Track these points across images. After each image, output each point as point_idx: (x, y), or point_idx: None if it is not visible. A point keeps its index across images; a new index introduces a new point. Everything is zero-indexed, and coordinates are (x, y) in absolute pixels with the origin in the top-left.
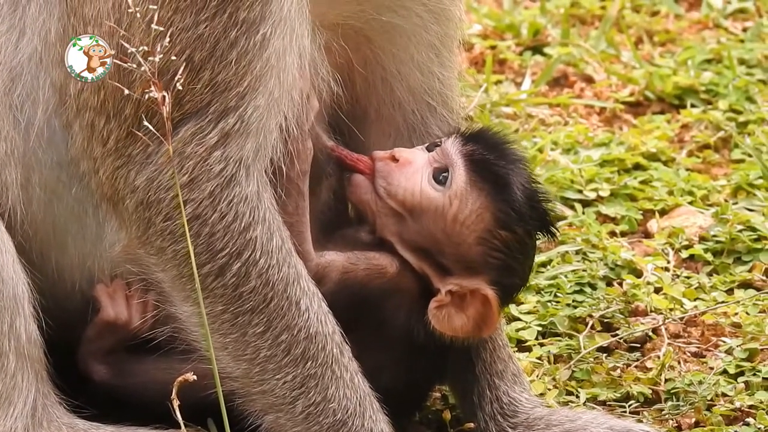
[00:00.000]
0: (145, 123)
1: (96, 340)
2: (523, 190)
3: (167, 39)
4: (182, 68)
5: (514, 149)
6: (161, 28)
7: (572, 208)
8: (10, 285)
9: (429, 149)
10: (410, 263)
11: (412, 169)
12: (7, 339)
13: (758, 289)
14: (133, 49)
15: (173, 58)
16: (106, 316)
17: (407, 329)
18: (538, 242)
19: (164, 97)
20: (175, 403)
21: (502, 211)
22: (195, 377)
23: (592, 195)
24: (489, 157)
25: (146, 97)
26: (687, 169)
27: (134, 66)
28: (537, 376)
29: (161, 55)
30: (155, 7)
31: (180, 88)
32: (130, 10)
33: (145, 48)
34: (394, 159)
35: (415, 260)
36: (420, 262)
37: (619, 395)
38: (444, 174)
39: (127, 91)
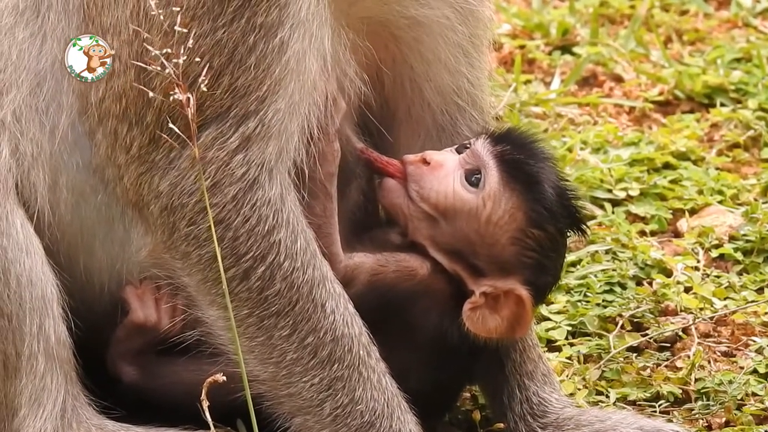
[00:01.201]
0: (171, 125)
1: (125, 341)
2: (554, 188)
3: (188, 43)
4: (205, 71)
5: (543, 148)
6: (184, 30)
7: (602, 207)
8: (39, 286)
9: (459, 151)
10: (442, 265)
11: (444, 172)
12: (37, 340)
13: None
14: (157, 52)
15: (198, 59)
16: (136, 318)
17: (438, 331)
18: (568, 240)
19: (189, 98)
20: (205, 404)
21: (534, 210)
22: (224, 378)
23: (622, 194)
24: (520, 156)
25: (171, 99)
26: (716, 168)
27: (158, 69)
28: (567, 375)
29: (184, 57)
30: (178, 9)
31: (204, 89)
32: (153, 13)
33: (169, 50)
34: (425, 162)
35: (448, 262)
36: (453, 265)
37: (649, 395)
38: (476, 175)
39: (151, 94)
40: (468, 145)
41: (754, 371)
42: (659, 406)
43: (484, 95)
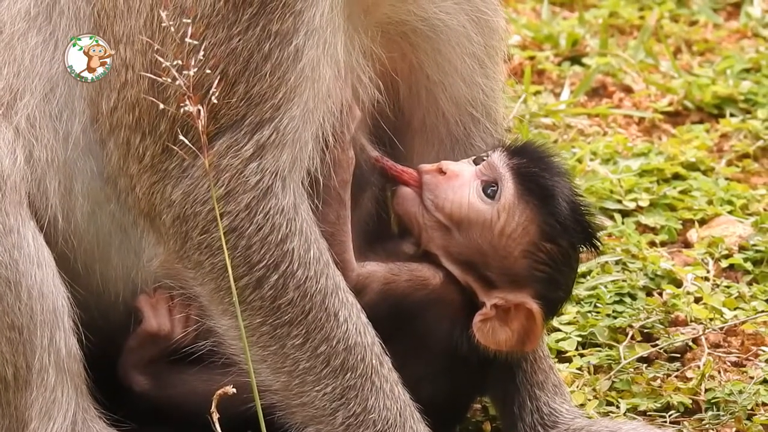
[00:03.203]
0: (181, 137)
1: (138, 350)
2: (568, 203)
3: (201, 53)
4: (216, 82)
5: (558, 162)
6: (195, 42)
7: (612, 218)
8: (50, 299)
9: (475, 162)
10: (454, 276)
11: (460, 183)
12: (47, 353)
13: None
14: (168, 63)
15: (208, 71)
16: (149, 327)
17: (449, 341)
18: (580, 254)
19: (199, 110)
20: (215, 416)
21: (547, 224)
22: (234, 390)
23: (632, 205)
24: (536, 170)
25: (182, 111)
26: (726, 179)
27: (169, 80)
28: (577, 386)
29: (196, 69)
30: (188, 20)
31: (215, 101)
32: (164, 24)
33: (180, 62)
34: (441, 172)
35: (460, 273)
36: (465, 275)
37: (659, 405)
38: (492, 187)
39: (162, 106)
40: (485, 157)
41: (764, 381)
42: (669, 416)
43: (499, 107)
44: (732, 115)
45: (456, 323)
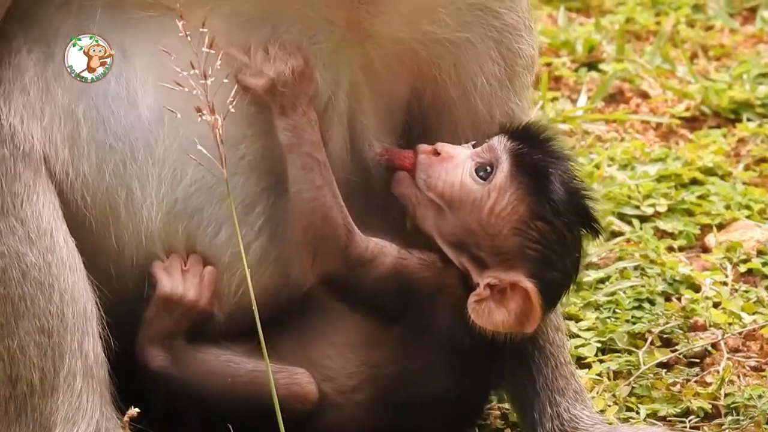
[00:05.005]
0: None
1: (155, 322)
2: (562, 183)
3: None
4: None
5: (558, 145)
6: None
7: (630, 223)
8: (80, 303)
9: (475, 146)
10: (456, 266)
11: (453, 163)
12: (76, 358)
13: None
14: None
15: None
16: (162, 291)
17: (454, 329)
18: (584, 240)
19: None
20: None
21: (538, 203)
22: (138, 410)
23: (650, 210)
24: (531, 151)
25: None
26: (744, 183)
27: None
28: (597, 392)
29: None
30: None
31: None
32: (180, 35)
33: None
34: (437, 153)
35: (454, 255)
36: (459, 257)
37: (679, 410)
38: (487, 169)
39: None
40: (486, 141)
41: None
42: (689, 421)
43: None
44: (749, 119)
45: (459, 311)
